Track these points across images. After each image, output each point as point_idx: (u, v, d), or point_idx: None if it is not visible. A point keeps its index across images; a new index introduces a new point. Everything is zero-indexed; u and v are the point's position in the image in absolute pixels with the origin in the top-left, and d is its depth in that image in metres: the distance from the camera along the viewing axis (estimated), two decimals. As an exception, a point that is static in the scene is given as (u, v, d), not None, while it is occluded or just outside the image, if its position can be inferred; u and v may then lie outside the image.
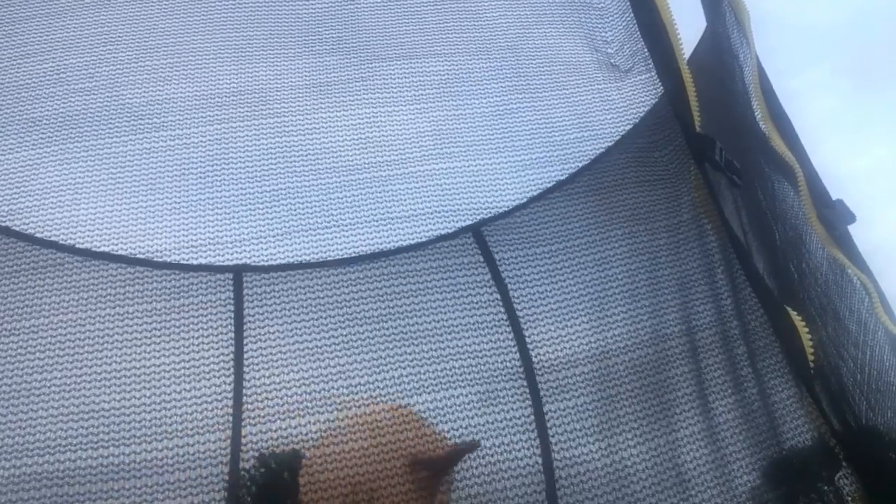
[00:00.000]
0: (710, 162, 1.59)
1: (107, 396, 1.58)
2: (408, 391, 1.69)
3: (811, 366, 1.43)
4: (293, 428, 1.60)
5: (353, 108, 1.88)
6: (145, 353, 1.65)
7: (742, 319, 1.67)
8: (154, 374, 1.63)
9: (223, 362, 1.68)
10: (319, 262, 1.80)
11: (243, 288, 1.79)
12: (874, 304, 1.91)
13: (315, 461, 1.56)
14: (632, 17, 1.79)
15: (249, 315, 1.76)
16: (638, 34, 1.80)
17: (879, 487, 1.39)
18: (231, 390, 1.65)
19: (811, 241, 1.91)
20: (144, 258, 1.73)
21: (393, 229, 1.84)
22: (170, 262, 1.74)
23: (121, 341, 1.65)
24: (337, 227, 1.81)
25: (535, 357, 1.78)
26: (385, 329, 1.75)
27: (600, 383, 1.70)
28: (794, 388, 1.55)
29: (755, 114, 1.96)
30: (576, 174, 1.93)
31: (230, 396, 1.64)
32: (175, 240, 1.73)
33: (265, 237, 1.79)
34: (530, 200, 1.92)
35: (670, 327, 1.73)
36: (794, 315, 1.46)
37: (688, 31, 1.72)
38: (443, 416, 1.66)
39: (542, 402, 1.73)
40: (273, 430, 1.60)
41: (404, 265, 1.84)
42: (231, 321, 1.74)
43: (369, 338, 1.74)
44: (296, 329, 1.73)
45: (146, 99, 1.81)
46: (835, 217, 1.97)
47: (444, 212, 1.86)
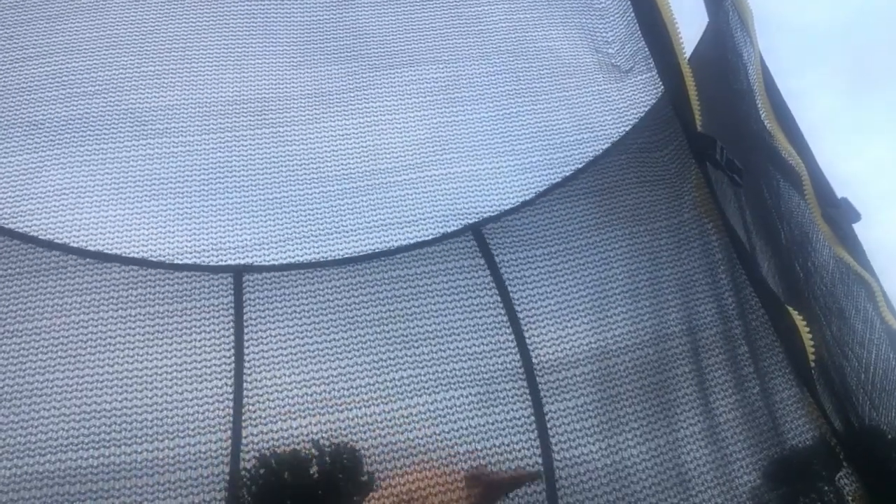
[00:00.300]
0: (710, 161, 1.59)
1: (108, 397, 1.60)
2: (408, 392, 1.69)
3: (812, 366, 1.43)
4: (293, 429, 1.61)
5: (353, 115, 1.88)
6: (147, 355, 1.66)
7: (744, 319, 1.66)
8: (155, 375, 1.64)
9: (224, 364, 1.69)
10: (319, 262, 1.80)
11: (243, 291, 1.80)
12: (879, 302, 1.89)
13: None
14: (632, 16, 1.78)
15: (250, 317, 1.77)
16: (638, 34, 1.79)
17: (880, 487, 1.38)
18: (231, 391, 1.66)
19: (817, 240, 1.89)
20: (146, 260, 1.74)
21: (394, 235, 1.84)
22: (170, 262, 1.75)
23: (122, 343, 1.66)
24: (338, 233, 1.82)
25: (536, 357, 1.77)
26: (386, 331, 1.76)
27: (601, 383, 1.70)
28: (795, 387, 1.54)
29: (760, 112, 1.95)
30: (576, 175, 1.93)
31: (231, 397, 1.65)
32: (177, 244, 1.75)
33: (267, 243, 1.80)
34: (531, 202, 1.92)
35: (671, 327, 1.72)
36: (795, 315, 1.45)
37: (688, 31, 1.72)
38: (443, 417, 1.66)
39: (542, 403, 1.72)
40: (273, 431, 1.61)
41: (405, 268, 1.84)
42: (231, 323, 1.75)
43: (370, 340, 1.75)
44: (296, 331, 1.74)
45: (149, 104, 1.82)
46: (839, 216, 1.95)
47: (446, 216, 1.86)
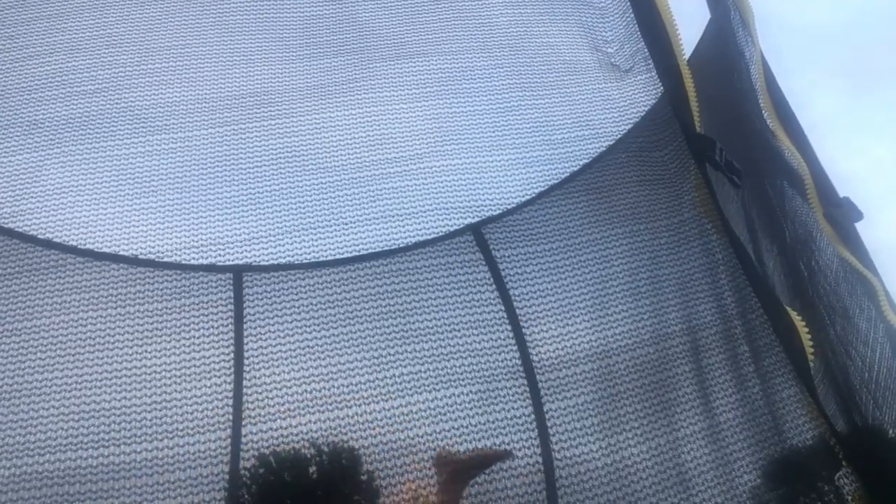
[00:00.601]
0: (710, 162, 1.59)
1: (108, 396, 1.60)
2: (408, 390, 1.69)
3: (811, 366, 1.43)
4: (293, 427, 1.61)
5: (354, 107, 1.89)
6: (146, 353, 1.66)
7: (744, 318, 1.66)
8: (155, 373, 1.64)
9: (223, 362, 1.69)
10: (319, 262, 1.80)
11: (243, 287, 1.80)
12: (881, 302, 1.89)
13: None
14: (632, 16, 1.78)
15: (250, 314, 1.77)
16: (638, 34, 1.79)
17: (881, 487, 1.38)
18: (231, 389, 1.66)
19: (821, 239, 1.89)
20: (145, 259, 1.74)
21: (394, 226, 1.84)
22: (171, 262, 1.75)
23: (122, 341, 1.66)
24: (338, 224, 1.82)
25: (535, 355, 1.77)
26: (384, 327, 1.76)
27: (601, 382, 1.69)
28: (795, 387, 1.54)
29: (762, 111, 1.94)
30: (576, 173, 1.92)
31: (230, 396, 1.65)
32: (177, 241, 1.75)
33: (267, 236, 1.80)
34: (531, 199, 1.91)
35: (672, 326, 1.72)
36: (793, 315, 1.45)
37: (688, 31, 1.72)
38: (442, 414, 1.66)
39: (542, 401, 1.72)
40: (273, 430, 1.61)
41: (404, 263, 1.84)
42: (231, 321, 1.75)
43: (369, 336, 1.75)
44: (296, 328, 1.74)
45: (148, 101, 1.82)
46: (841, 215, 1.95)
47: (445, 209, 1.86)
